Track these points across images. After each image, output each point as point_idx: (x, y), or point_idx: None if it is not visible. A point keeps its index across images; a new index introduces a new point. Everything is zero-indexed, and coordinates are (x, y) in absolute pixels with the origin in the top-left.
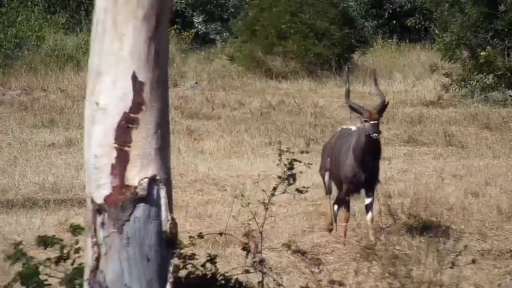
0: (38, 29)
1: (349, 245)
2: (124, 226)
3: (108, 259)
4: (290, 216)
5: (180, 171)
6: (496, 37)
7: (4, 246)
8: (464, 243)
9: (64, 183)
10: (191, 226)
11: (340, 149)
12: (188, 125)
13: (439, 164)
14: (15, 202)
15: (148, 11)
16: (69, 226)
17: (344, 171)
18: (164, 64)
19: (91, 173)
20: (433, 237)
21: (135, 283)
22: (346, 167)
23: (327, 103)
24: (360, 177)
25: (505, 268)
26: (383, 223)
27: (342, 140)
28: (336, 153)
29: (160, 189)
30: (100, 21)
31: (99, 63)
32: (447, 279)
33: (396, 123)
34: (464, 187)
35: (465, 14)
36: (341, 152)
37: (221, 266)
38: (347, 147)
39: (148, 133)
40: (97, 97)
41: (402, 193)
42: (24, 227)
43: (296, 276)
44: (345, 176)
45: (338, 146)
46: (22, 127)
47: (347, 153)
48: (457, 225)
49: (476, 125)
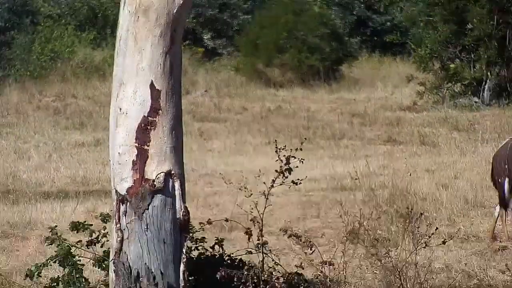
0: (70, 45)
1: (336, 230)
2: (143, 214)
3: (130, 242)
4: (286, 205)
5: (192, 166)
6: (463, 52)
7: (41, 231)
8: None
9: (92, 177)
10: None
11: None
12: (198, 127)
13: (414, 160)
14: (50, 193)
15: (164, 30)
16: (98, 214)
17: None
18: (178, 75)
19: (115, 168)
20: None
21: (154, 263)
22: None
23: (318, 108)
24: None
25: (471, 250)
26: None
27: None
28: None
29: (174, 182)
30: (123, 37)
31: (122, 74)
32: (421, 259)
33: (377, 125)
34: (436, 180)
35: (437, 31)
36: None
37: (227, 248)
38: None
39: (164, 134)
40: (120, 103)
41: (383, 186)
42: (58, 214)
43: (292, 257)
44: None
45: None
46: (56, 129)
47: None
48: (429, 213)
49: (446, 127)
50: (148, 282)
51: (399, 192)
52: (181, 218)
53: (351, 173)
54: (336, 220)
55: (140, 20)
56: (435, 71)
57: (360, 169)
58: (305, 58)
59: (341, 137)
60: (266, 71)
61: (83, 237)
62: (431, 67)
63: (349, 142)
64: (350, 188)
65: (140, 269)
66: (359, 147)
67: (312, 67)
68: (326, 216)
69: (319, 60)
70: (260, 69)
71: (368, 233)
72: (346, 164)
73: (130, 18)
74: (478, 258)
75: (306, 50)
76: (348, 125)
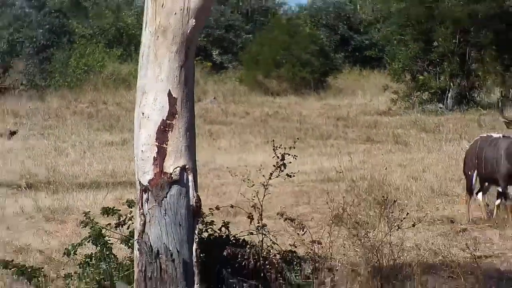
0: (101, 60)
1: (324, 215)
2: (162, 201)
3: (151, 225)
4: (282, 194)
5: (202, 162)
6: (430, 65)
7: (77, 216)
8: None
9: (120, 170)
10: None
11: (491, 153)
12: (208, 128)
13: (389, 157)
14: (84, 184)
15: (180, 47)
16: (125, 201)
17: (501, 172)
18: (191, 85)
19: (139, 163)
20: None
21: (171, 242)
22: (502, 168)
23: (308, 113)
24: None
25: (437, 231)
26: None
27: (489, 145)
28: (486, 156)
29: (188, 175)
30: (145, 54)
31: (144, 84)
32: (394, 239)
33: (358, 127)
34: (407, 173)
35: (408, 48)
36: (493, 156)
37: (232, 230)
38: (498, 151)
39: (179, 135)
40: (143, 109)
41: (363, 178)
42: (91, 202)
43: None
44: (502, 175)
45: (486, 150)
46: (89, 130)
47: (500, 157)
48: (401, 200)
49: (415, 128)
50: (166, 258)
51: (376, 183)
52: (194, 205)
53: (336, 167)
54: (323, 207)
55: (160, 39)
56: (406, 82)
57: (343, 164)
58: (298, 71)
59: (328, 137)
60: (265, 82)
61: (112, 221)
62: (403, 78)
63: (334, 141)
64: (335, 179)
65: (160, 247)
66: (343, 146)
67: (304, 79)
68: (315, 203)
69: (309, 72)
70: (260, 80)
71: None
72: (332, 160)
73: (151, 38)
74: (442, 238)
75: (298, 65)
76: (333, 127)
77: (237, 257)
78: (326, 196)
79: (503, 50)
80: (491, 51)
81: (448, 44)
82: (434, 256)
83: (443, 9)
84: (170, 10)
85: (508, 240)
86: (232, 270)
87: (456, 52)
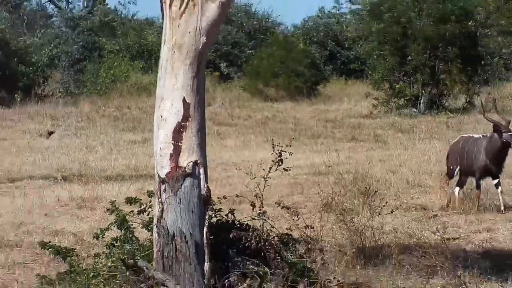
0: (126, 71)
1: (315, 203)
2: (178, 191)
3: (168, 212)
4: (279, 185)
5: (212, 157)
6: (405, 76)
7: (105, 204)
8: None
9: (141, 165)
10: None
11: (472, 150)
12: (217, 129)
13: (371, 153)
14: (111, 177)
15: (193, 61)
16: (146, 191)
17: (478, 165)
18: (202, 92)
19: (157, 159)
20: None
21: (185, 227)
22: (480, 162)
23: (302, 116)
24: (491, 168)
25: (411, 217)
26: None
27: (471, 144)
28: (468, 153)
29: (200, 168)
30: (163, 66)
31: (162, 91)
32: (375, 224)
33: (344, 128)
34: (386, 168)
35: (386, 61)
36: (473, 152)
37: (238, 215)
38: (478, 148)
39: (192, 134)
40: (161, 112)
41: (348, 171)
42: (116, 192)
43: (283, 222)
44: (479, 168)
45: (468, 148)
46: (115, 131)
47: (479, 152)
48: (381, 191)
49: (393, 129)
50: (180, 240)
51: (360, 176)
52: (205, 194)
53: (326, 162)
54: (314, 196)
55: (176, 54)
56: (385, 90)
57: (332, 159)
58: (293, 81)
59: (318, 137)
60: (265, 90)
61: (134, 208)
62: (382, 87)
63: (324, 140)
64: (325, 173)
65: (175, 231)
66: (331, 144)
67: (298, 87)
68: (307, 193)
69: (302, 82)
70: (260, 88)
71: (338, 205)
72: (322, 156)
73: (168, 53)
74: (416, 223)
75: (293, 75)
76: (323, 128)
77: (241, 239)
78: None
79: (467, 63)
80: (457, 64)
81: (420, 58)
82: (409, 238)
83: (416, 29)
84: (185, 30)
85: (472, 224)
86: (237, 250)
87: (427, 65)
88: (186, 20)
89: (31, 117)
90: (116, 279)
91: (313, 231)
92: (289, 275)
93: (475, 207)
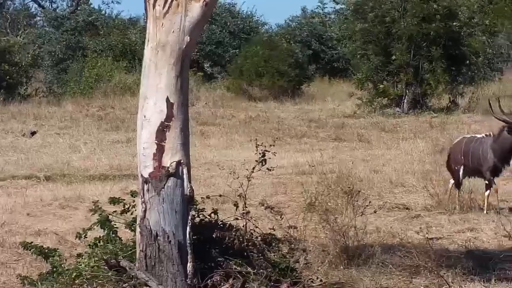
0: (109, 71)
1: (298, 203)
2: (161, 191)
3: (151, 211)
4: (263, 185)
5: (195, 157)
6: (389, 76)
7: (88, 204)
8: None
9: (125, 165)
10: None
11: (477, 150)
12: (200, 129)
13: (354, 153)
14: (94, 177)
15: (176, 60)
16: (129, 191)
17: (487, 165)
18: (186, 92)
19: (141, 158)
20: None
21: (168, 226)
22: (489, 161)
23: (286, 116)
24: (500, 167)
25: (395, 217)
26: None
27: (475, 144)
28: (473, 153)
29: (183, 168)
30: (146, 65)
31: (146, 91)
32: (358, 223)
33: (327, 128)
34: (369, 167)
35: (370, 61)
36: (479, 152)
37: (221, 215)
38: (484, 148)
39: (176, 134)
40: (145, 112)
41: (332, 171)
42: (100, 192)
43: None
44: (489, 168)
45: (473, 148)
46: (99, 130)
47: (486, 152)
48: (365, 190)
49: (376, 129)
50: (163, 240)
51: (344, 175)
52: (188, 194)
53: (309, 162)
54: (298, 196)
55: (159, 53)
56: (369, 90)
57: (315, 159)
58: (276, 80)
59: (302, 136)
60: (249, 89)
61: (117, 208)
62: (366, 87)
63: (307, 140)
64: (308, 172)
65: (158, 230)
66: (315, 144)
67: (282, 87)
68: (291, 193)
69: (286, 81)
70: (244, 88)
71: (321, 205)
72: (305, 156)
73: (152, 52)
74: (399, 223)
75: (277, 75)
76: (307, 128)
77: (224, 238)
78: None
79: (451, 63)
80: (441, 64)
81: (404, 58)
82: (393, 238)
83: (400, 29)
84: (169, 29)
85: (455, 224)
86: (220, 250)
87: (411, 65)
88: (169, 20)
89: (14, 117)
90: (99, 279)
91: (297, 231)
92: (272, 275)
93: (490, 206)
